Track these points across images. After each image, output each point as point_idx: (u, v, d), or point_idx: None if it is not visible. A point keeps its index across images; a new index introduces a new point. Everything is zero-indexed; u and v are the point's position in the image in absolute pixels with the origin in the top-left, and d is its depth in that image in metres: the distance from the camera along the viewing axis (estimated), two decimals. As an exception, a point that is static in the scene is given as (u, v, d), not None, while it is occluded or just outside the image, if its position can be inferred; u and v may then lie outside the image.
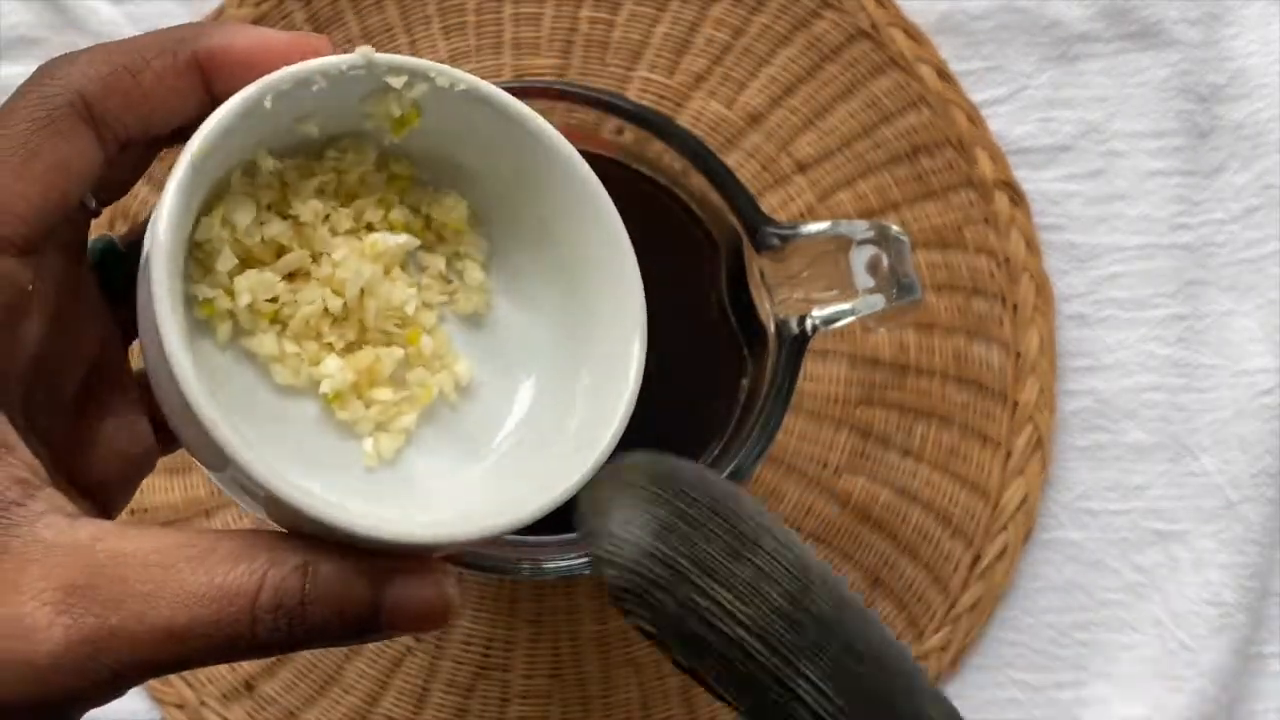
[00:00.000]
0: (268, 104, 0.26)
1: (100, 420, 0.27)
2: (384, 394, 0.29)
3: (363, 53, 0.27)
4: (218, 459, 0.24)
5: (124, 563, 0.23)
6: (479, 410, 0.30)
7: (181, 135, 0.26)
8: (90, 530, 0.24)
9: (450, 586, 0.26)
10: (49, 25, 0.51)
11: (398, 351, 0.29)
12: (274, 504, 0.25)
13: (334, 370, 0.28)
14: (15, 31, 0.50)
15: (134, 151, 0.27)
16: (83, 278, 0.29)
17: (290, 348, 0.28)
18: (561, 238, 0.31)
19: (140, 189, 0.43)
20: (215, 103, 0.26)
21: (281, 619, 0.24)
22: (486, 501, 0.29)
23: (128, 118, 0.26)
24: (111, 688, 0.23)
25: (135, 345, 0.30)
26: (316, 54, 0.26)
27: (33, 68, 0.50)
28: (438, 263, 0.31)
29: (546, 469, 0.29)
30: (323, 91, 0.27)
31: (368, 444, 0.29)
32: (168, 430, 0.29)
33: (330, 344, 0.29)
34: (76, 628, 0.23)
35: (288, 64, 0.26)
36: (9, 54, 0.51)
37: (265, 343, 0.28)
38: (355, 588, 0.24)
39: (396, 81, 0.27)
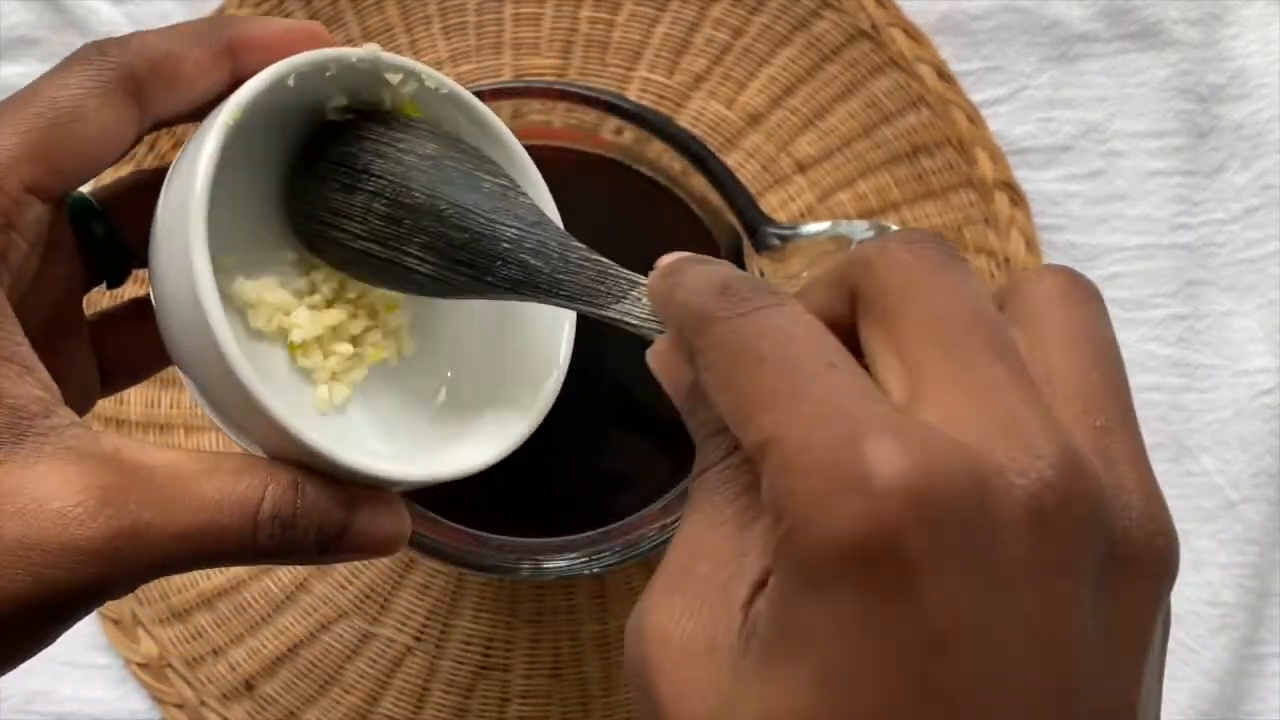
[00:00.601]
0: (290, 82, 0.29)
1: (55, 359, 0.30)
2: (344, 349, 0.33)
3: (370, 49, 0.31)
4: (230, 392, 0.27)
5: (148, 470, 0.26)
6: (420, 372, 0.35)
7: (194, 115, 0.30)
8: (113, 442, 0.27)
9: (405, 520, 0.30)
10: (49, 25, 0.51)
11: (364, 319, 0.34)
12: (276, 435, 0.28)
13: (304, 322, 0.32)
14: (15, 32, 0.50)
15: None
16: (62, 226, 0.31)
17: (269, 297, 0.32)
18: None
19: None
20: (238, 84, 0.29)
21: (276, 528, 0.27)
22: (431, 450, 0.33)
23: (168, 98, 0.29)
24: (140, 578, 0.27)
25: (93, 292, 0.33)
26: (325, 44, 0.30)
27: (33, 68, 0.51)
28: None
29: (481, 428, 0.33)
30: (333, 77, 0.30)
31: (322, 390, 0.33)
32: (113, 373, 0.34)
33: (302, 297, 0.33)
34: (117, 520, 0.26)
35: (306, 44, 0.30)
36: (9, 54, 0.51)
37: (246, 290, 0.32)
38: (333, 508, 0.28)
39: (394, 77, 0.31)
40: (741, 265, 0.41)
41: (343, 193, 0.31)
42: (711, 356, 0.24)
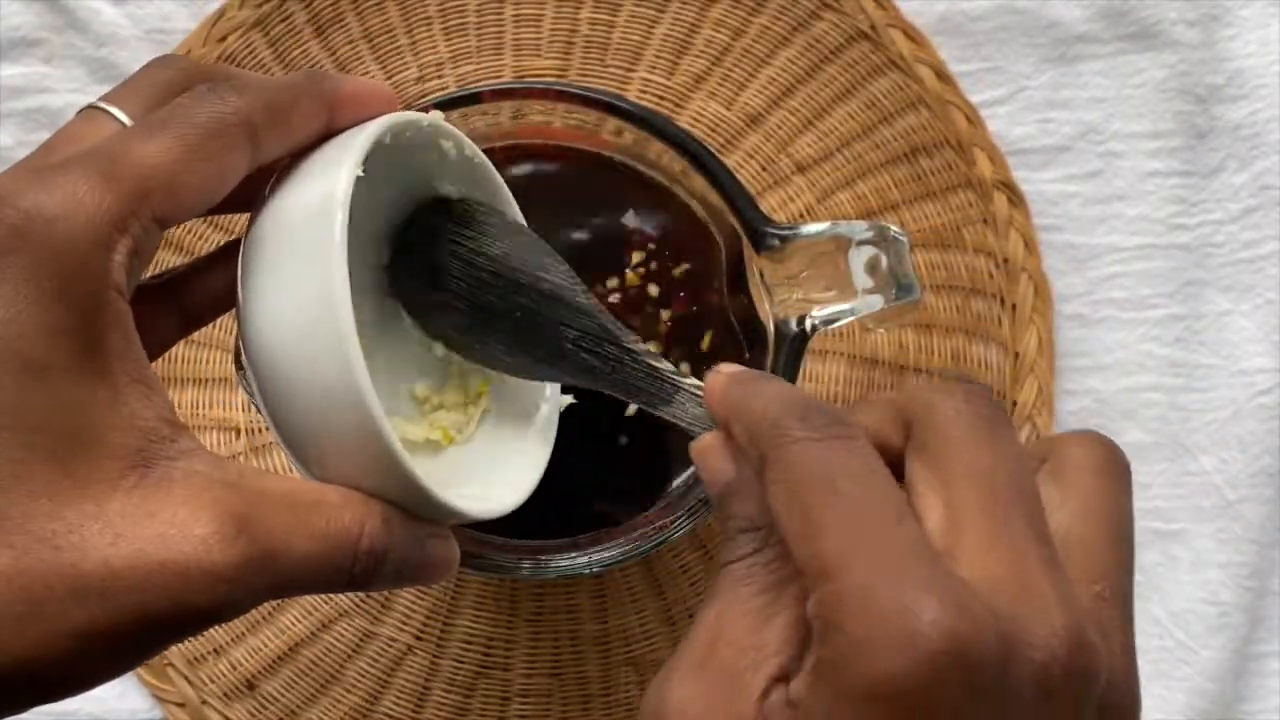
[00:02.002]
0: (387, 139, 0.32)
1: None
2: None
3: (435, 115, 0.34)
4: (351, 434, 0.28)
5: (268, 500, 0.28)
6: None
7: None
8: (235, 468, 0.28)
9: (457, 550, 0.31)
10: (50, 26, 0.51)
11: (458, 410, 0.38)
12: (383, 473, 0.29)
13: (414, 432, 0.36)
14: (17, 33, 0.51)
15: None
16: None
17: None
18: None
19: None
20: (329, 133, 0.32)
21: (371, 562, 0.29)
22: (483, 484, 0.35)
23: (276, 144, 0.31)
24: (256, 603, 0.28)
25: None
26: (395, 104, 0.33)
27: (33, 68, 0.51)
28: None
29: (519, 446, 0.36)
30: (411, 137, 0.33)
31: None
32: None
33: None
34: (250, 547, 0.27)
35: (384, 103, 0.32)
36: (9, 54, 0.51)
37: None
38: (411, 542, 0.30)
39: (447, 145, 0.34)
40: (741, 266, 0.41)
41: (430, 289, 0.35)
42: (785, 473, 0.26)
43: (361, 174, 0.30)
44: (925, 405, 0.28)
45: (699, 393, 0.32)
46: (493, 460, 0.36)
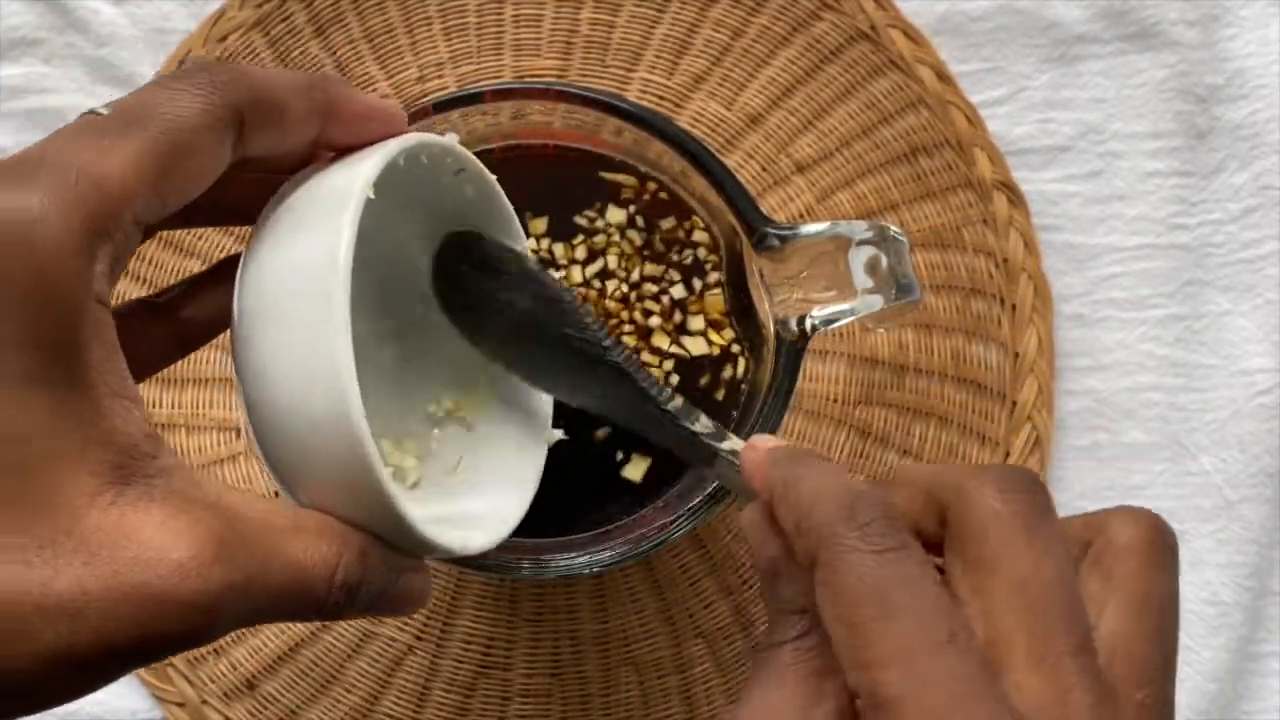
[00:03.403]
0: (400, 161, 0.31)
1: None
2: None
3: (451, 138, 0.33)
4: (342, 465, 0.28)
5: (246, 524, 0.27)
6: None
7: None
8: (213, 488, 0.27)
9: (429, 582, 0.31)
10: (50, 26, 0.51)
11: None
12: (370, 506, 0.28)
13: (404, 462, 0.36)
14: (17, 32, 0.51)
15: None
16: None
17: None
18: None
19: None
20: (318, 145, 0.31)
21: (344, 594, 0.28)
22: (467, 517, 0.35)
23: (263, 142, 0.29)
24: (229, 629, 0.27)
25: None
26: (403, 126, 0.32)
27: (33, 68, 0.51)
28: None
29: (511, 472, 0.37)
30: (425, 161, 0.33)
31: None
32: None
33: None
34: (228, 574, 0.26)
35: (386, 124, 0.32)
36: (9, 54, 0.51)
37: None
38: (385, 575, 0.29)
39: (453, 165, 0.34)
40: (741, 266, 0.41)
41: (473, 331, 0.36)
42: (838, 582, 0.26)
43: (373, 194, 0.29)
44: (959, 494, 0.28)
45: (738, 461, 0.32)
46: (480, 493, 0.36)
